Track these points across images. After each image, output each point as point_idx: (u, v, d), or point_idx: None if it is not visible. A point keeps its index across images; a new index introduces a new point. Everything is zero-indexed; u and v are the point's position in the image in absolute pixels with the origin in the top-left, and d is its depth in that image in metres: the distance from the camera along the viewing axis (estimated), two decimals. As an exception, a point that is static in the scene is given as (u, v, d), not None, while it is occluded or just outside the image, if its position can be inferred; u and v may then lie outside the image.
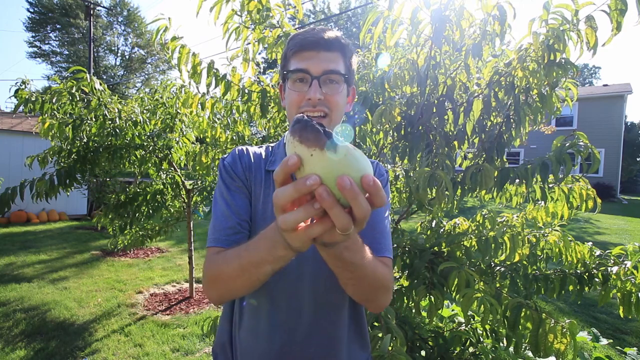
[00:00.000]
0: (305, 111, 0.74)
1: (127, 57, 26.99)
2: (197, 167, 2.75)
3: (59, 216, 9.10)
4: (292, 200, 0.40)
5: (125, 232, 3.95)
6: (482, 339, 1.81)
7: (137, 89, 27.06)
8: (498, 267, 1.70)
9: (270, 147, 0.86)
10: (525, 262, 1.68)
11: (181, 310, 3.77)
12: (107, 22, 25.61)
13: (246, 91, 1.96)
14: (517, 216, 1.84)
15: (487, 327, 1.75)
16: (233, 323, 0.82)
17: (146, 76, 27.67)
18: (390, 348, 1.16)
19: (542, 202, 1.76)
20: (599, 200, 1.56)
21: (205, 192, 3.87)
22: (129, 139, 3.07)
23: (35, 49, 24.36)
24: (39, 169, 2.92)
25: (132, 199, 3.58)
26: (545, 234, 1.71)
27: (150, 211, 3.69)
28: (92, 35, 12.74)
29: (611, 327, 3.56)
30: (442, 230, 1.80)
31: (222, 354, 0.84)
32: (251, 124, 2.68)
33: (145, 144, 3.20)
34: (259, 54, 1.92)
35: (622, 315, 1.49)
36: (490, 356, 1.75)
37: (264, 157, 0.82)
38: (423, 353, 1.70)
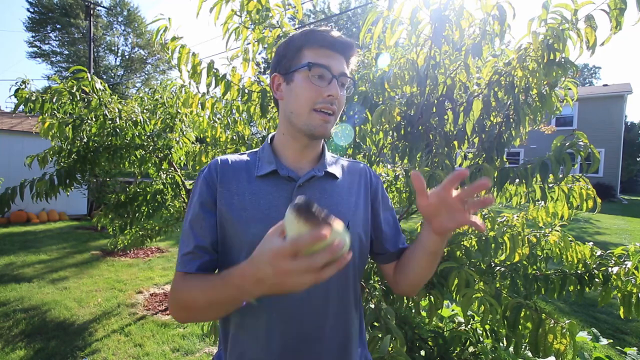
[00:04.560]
0: (321, 107, 0.74)
1: (127, 57, 26.98)
2: (197, 167, 2.75)
3: (59, 216, 9.10)
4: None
5: (125, 232, 3.94)
6: (482, 339, 1.81)
7: (137, 89, 27.06)
8: (498, 267, 1.70)
9: (254, 153, 0.84)
10: (525, 262, 1.68)
11: (181, 310, 3.77)
12: (107, 22, 25.59)
13: (246, 91, 1.96)
14: (517, 216, 1.84)
15: (487, 327, 1.75)
16: (232, 323, 0.80)
17: (146, 76, 27.66)
18: (390, 349, 1.16)
19: (542, 202, 1.76)
20: (599, 200, 1.56)
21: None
22: (129, 139, 3.07)
23: (35, 49, 24.34)
24: (39, 169, 2.92)
25: (132, 199, 3.57)
26: (546, 234, 1.71)
27: (150, 211, 3.68)
28: (92, 35, 12.74)
29: (611, 327, 3.56)
30: (442, 230, 1.79)
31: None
32: (251, 124, 2.68)
33: (145, 144, 3.20)
34: (259, 54, 1.92)
35: (622, 316, 1.49)
36: (490, 356, 1.75)
37: (248, 164, 0.81)
38: (423, 353, 1.70)
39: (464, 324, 1.88)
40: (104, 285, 4.46)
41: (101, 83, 2.83)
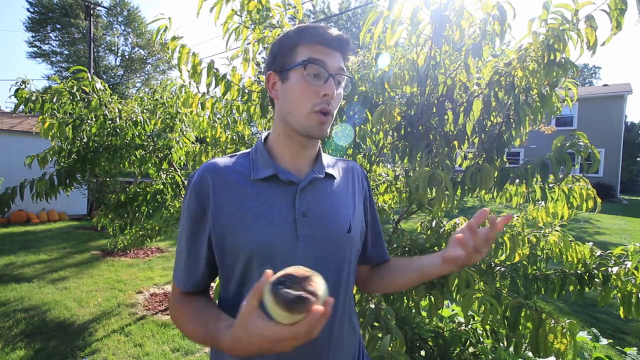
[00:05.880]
0: (318, 109, 0.71)
1: (127, 57, 26.98)
2: (197, 167, 2.75)
3: (59, 216, 9.10)
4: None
5: (125, 232, 3.94)
6: (482, 339, 1.81)
7: (137, 89, 27.07)
8: (498, 267, 1.70)
9: (247, 154, 0.79)
10: (525, 262, 1.68)
11: (181, 310, 3.77)
12: (107, 22, 25.59)
13: (246, 91, 1.96)
14: (518, 216, 1.84)
15: (487, 327, 1.75)
16: None
17: (146, 76, 27.66)
18: (390, 348, 1.15)
19: (542, 202, 1.76)
20: (599, 200, 1.56)
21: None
22: (129, 139, 3.07)
23: (35, 49, 24.35)
24: (39, 169, 2.92)
25: (132, 199, 3.57)
26: (546, 234, 1.71)
27: (150, 211, 3.68)
28: (92, 35, 12.74)
29: (611, 327, 3.56)
30: (442, 230, 1.80)
31: None
32: (251, 124, 2.68)
33: (145, 143, 3.20)
34: (259, 54, 1.92)
35: (622, 316, 1.49)
36: (490, 356, 1.75)
37: (242, 167, 0.76)
38: (423, 353, 1.70)
39: (464, 324, 1.88)
40: (104, 285, 4.46)
41: (101, 83, 2.83)
